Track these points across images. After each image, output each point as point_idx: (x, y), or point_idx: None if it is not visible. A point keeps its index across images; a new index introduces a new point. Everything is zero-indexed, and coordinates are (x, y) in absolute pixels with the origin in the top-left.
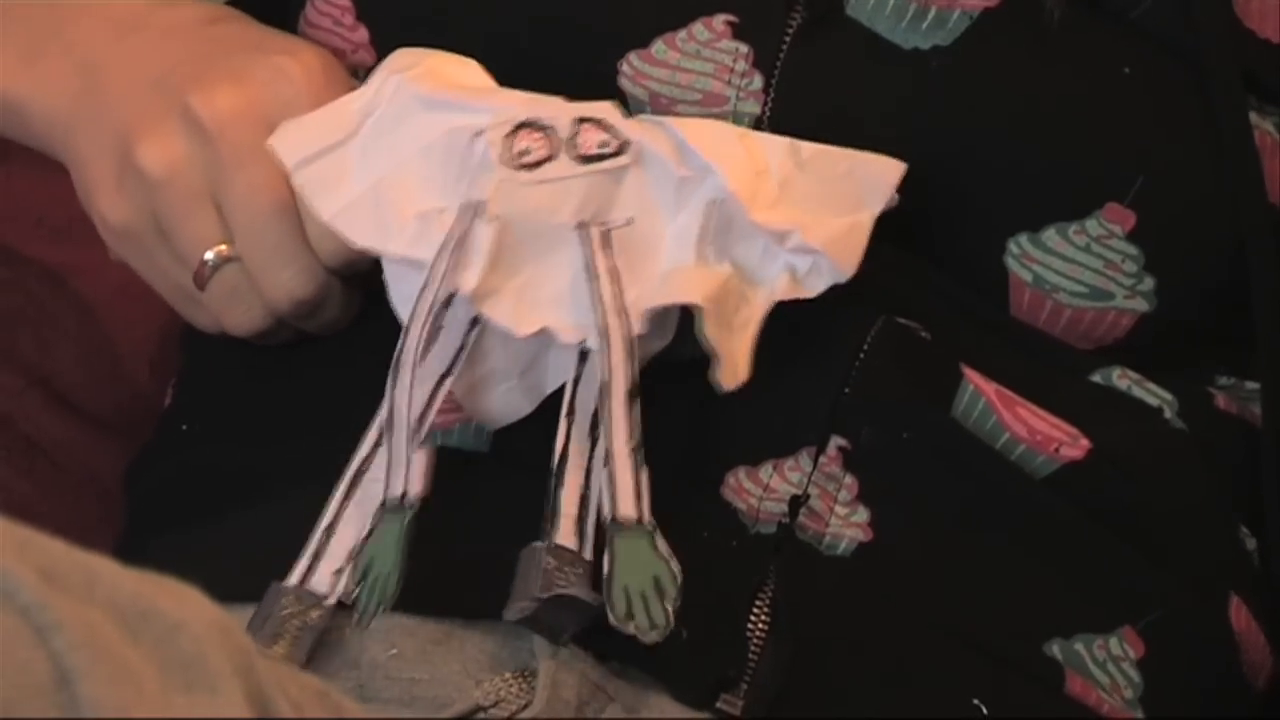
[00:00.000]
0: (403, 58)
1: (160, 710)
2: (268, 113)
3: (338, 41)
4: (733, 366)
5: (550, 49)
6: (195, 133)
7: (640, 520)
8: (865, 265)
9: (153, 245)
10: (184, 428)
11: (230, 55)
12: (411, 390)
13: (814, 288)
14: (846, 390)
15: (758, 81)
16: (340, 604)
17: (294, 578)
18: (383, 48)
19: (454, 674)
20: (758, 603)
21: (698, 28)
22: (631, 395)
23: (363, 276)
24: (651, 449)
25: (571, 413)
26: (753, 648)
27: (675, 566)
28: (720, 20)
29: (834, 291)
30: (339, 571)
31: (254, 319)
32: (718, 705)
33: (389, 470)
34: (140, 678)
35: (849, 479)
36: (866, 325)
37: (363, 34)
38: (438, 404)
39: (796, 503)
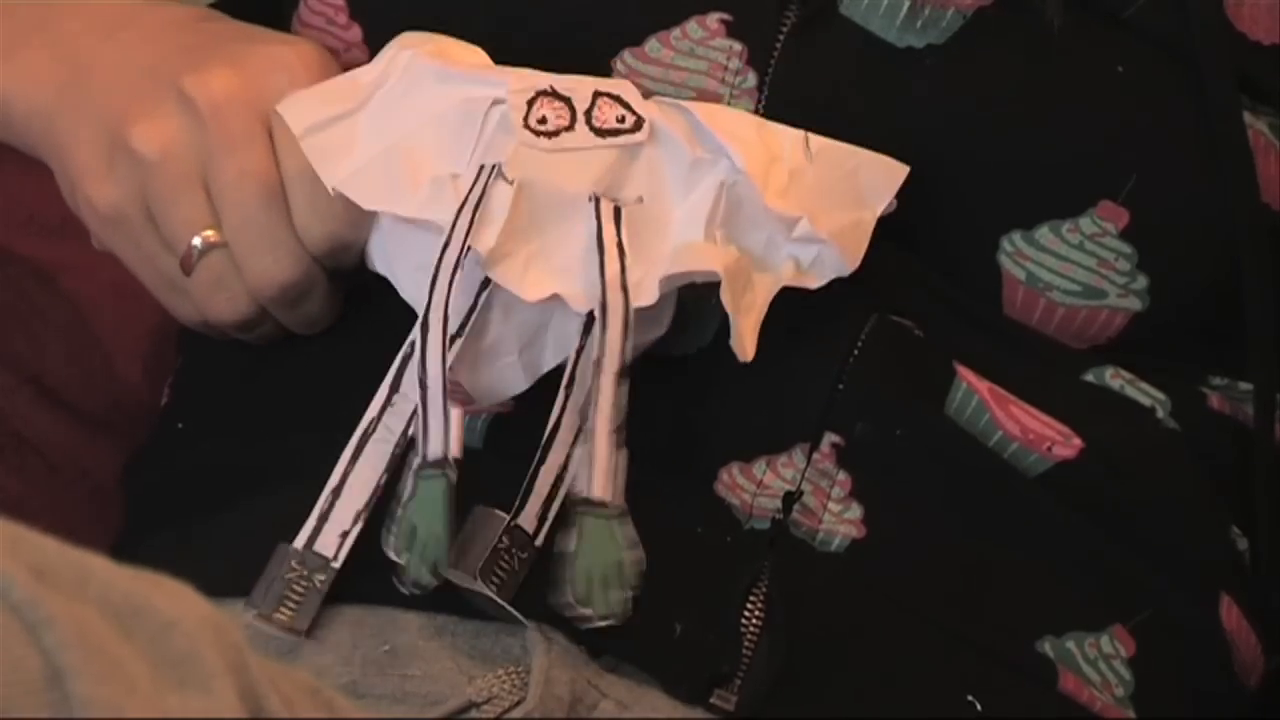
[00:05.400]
0: (411, 37)
1: (152, 708)
2: (262, 99)
3: (331, 41)
4: (742, 345)
5: (544, 47)
6: (189, 115)
7: (611, 503)
8: (860, 262)
9: (141, 230)
10: (180, 426)
11: (225, 44)
12: (443, 348)
13: (817, 279)
14: (840, 387)
15: (751, 79)
16: (343, 572)
17: (300, 540)
18: (376, 47)
19: (446, 670)
20: (752, 599)
21: (691, 26)
22: (621, 375)
23: (345, 276)
24: (645, 444)
25: (570, 385)
26: (747, 644)
27: (638, 555)
28: (714, 18)
29: (828, 289)
30: (345, 534)
31: (238, 307)
32: (711, 701)
33: (424, 431)
34: (132, 676)
35: (842, 475)
36: (860, 323)
37: (356, 33)
38: (446, 366)
39: (790, 499)
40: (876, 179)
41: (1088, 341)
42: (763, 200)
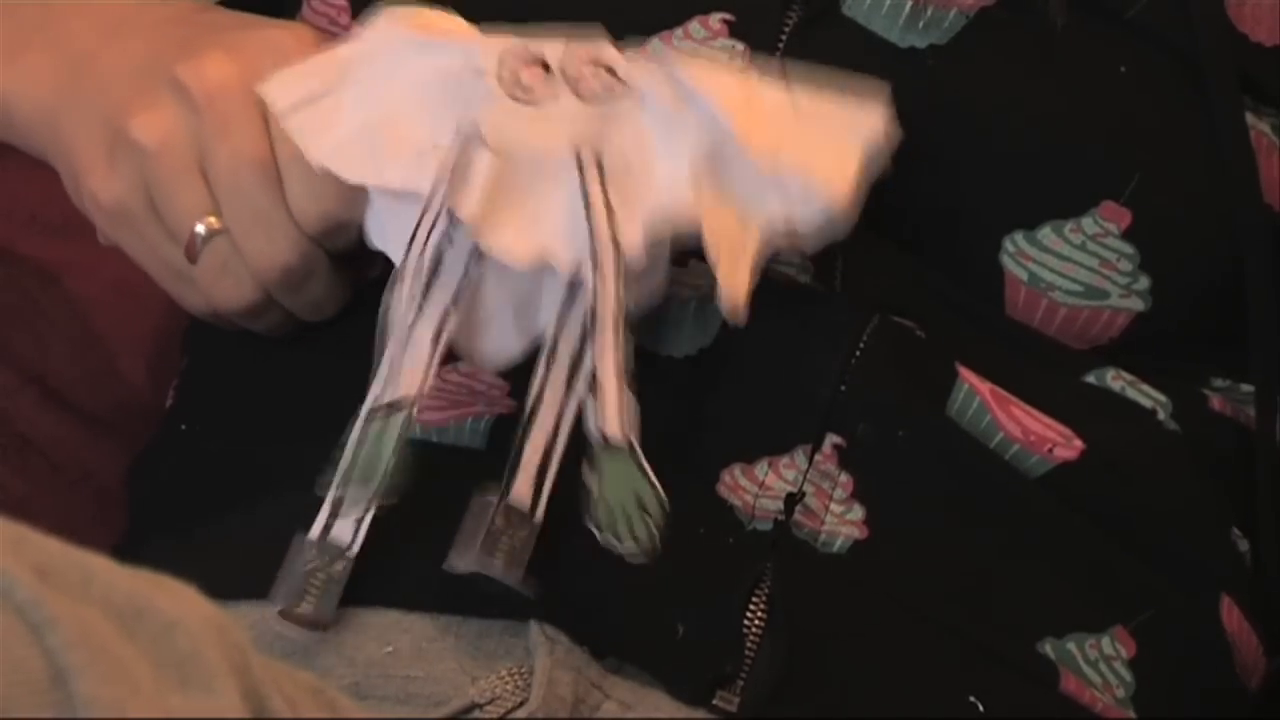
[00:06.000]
0: (390, 12)
1: (155, 708)
2: (258, 83)
3: (325, 33)
4: (733, 297)
5: None
6: (184, 103)
7: (625, 440)
8: (861, 263)
9: (145, 222)
10: (184, 427)
11: (221, 32)
12: (407, 300)
13: (809, 220)
14: (842, 388)
15: None
16: (350, 576)
17: (315, 531)
18: None
19: (450, 671)
20: (754, 600)
21: (694, 26)
22: (620, 323)
23: (350, 259)
24: (647, 444)
25: (553, 353)
26: (749, 645)
27: (659, 487)
28: (716, 19)
29: (830, 289)
30: (359, 521)
31: (244, 293)
32: (714, 702)
33: (380, 379)
34: (135, 676)
35: (844, 477)
36: (862, 323)
37: None
38: (444, 338)
39: (792, 500)
40: (860, 124)
41: (1089, 342)
42: (745, 149)
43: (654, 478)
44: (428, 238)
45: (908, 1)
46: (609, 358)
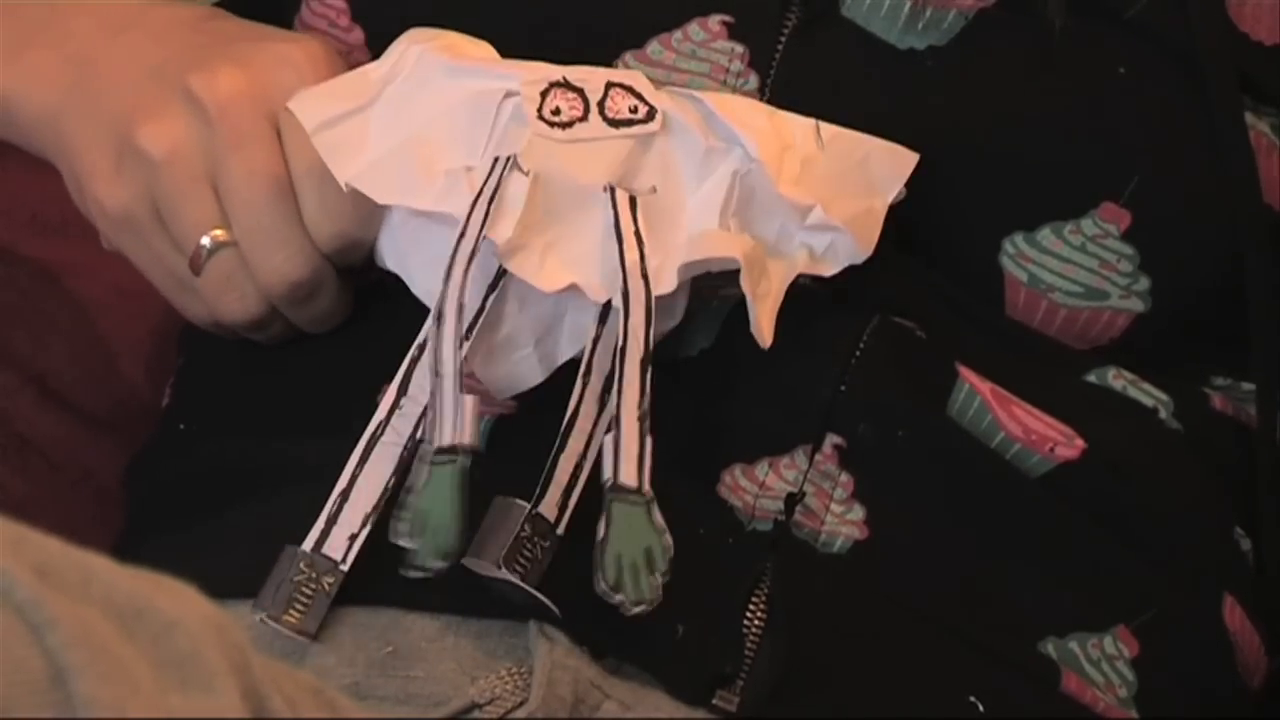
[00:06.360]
0: (418, 33)
1: (155, 708)
2: (270, 97)
3: (333, 43)
4: (763, 328)
5: (546, 50)
6: (196, 114)
7: (640, 489)
8: (861, 264)
9: (150, 231)
10: (181, 427)
11: (231, 43)
12: (456, 337)
13: (831, 267)
14: (842, 388)
15: (753, 81)
16: (350, 576)
17: (309, 543)
18: (378, 49)
19: (449, 671)
20: (754, 600)
21: (693, 28)
22: (645, 362)
23: (355, 273)
24: None
25: (588, 373)
26: (749, 645)
27: (668, 540)
28: (715, 20)
29: (830, 291)
30: (354, 537)
31: (248, 306)
32: (714, 702)
33: (438, 419)
34: (135, 675)
35: (845, 477)
36: (862, 324)
37: (358, 35)
38: (460, 355)
39: (792, 500)
40: (887, 167)
41: (1090, 343)
42: (776, 189)
43: (666, 532)
44: (465, 271)
45: (906, 3)
46: (631, 399)
